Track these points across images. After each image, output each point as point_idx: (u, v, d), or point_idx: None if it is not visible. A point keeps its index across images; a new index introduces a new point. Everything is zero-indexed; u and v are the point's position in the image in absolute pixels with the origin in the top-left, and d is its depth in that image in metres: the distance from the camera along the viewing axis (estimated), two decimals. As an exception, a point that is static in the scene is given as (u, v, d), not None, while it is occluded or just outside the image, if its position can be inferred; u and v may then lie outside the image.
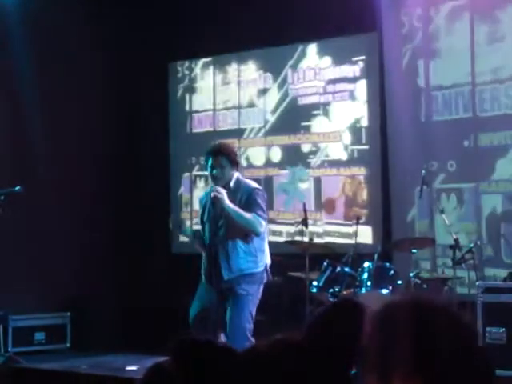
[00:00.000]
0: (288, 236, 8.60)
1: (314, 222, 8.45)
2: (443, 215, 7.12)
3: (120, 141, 9.70)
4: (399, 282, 7.09)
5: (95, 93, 9.43)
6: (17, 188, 6.46)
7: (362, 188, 8.53)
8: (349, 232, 8.13)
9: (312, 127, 8.87)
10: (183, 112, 9.85)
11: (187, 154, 9.69)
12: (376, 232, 8.32)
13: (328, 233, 8.65)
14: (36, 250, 8.67)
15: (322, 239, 8.39)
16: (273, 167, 9.14)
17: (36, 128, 8.84)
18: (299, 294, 7.29)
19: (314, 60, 8.89)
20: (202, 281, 5.89)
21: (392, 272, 7.12)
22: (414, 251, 7.11)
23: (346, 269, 7.16)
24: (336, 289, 7.07)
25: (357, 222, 7.46)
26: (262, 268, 5.75)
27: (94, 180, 9.41)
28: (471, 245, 6.99)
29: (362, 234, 7.90)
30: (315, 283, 7.17)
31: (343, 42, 8.66)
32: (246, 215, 5.57)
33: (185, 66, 9.90)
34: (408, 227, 8.03)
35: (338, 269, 7.17)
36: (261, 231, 5.67)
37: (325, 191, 8.76)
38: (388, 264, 7.30)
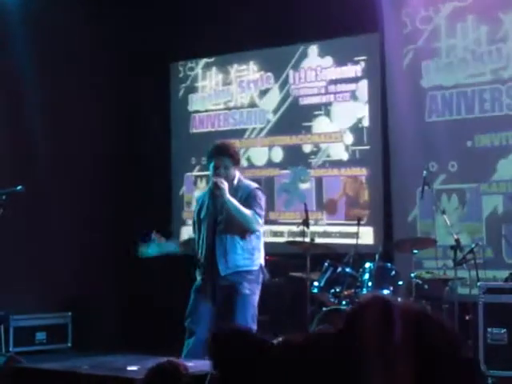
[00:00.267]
0: (289, 236, 8.60)
1: (315, 223, 8.45)
2: (444, 216, 7.12)
3: (121, 141, 9.70)
4: (400, 283, 7.08)
5: (96, 93, 9.43)
6: (18, 188, 6.44)
7: (364, 188, 8.53)
8: (350, 232, 8.12)
9: (313, 127, 8.87)
10: (185, 112, 9.85)
11: (189, 154, 9.69)
12: (377, 232, 8.32)
13: (329, 233, 8.65)
14: (37, 250, 8.68)
15: (323, 239, 8.38)
16: (274, 167, 9.14)
17: (37, 128, 8.85)
18: (300, 294, 7.29)
19: (316, 60, 8.89)
20: (195, 287, 5.85)
21: (393, 272, 7.12)
22: (416, 252, 7.10)
23: (347, 269, 7.16)
24: (337, 289, 7.07)
25: (358, 223, 7.46)
26: (258, 267, 5.75)
27: (95, 180, 9.42)
28: (472, 245, 7.00)
29: (363, 235, 7.90)
30: (316, 283, 7.17)
31: (345, 43, 8.66)
32: (245, 210, 5.57)
33: (186, 67, 9.90)
34: (409, 228, 8.03)
35: (339, 269, 7.16)
36: (256, 228, 5.67)
37: (326, 191, 8.76)
38: (389, 264, 7.29)
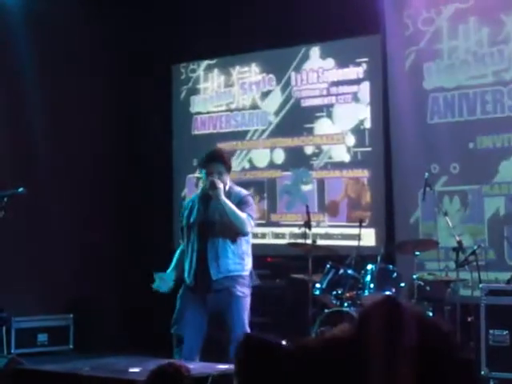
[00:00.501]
0: (291, 238, 8.59)
1: (317, 224, 8.44)
2: (446, 217, 7.11)
3: (122, 142, 9.71)
4: (402, 285, 7.07)
5: (96, 93, 9.43)
6: (20, 189, 6.42)
7: (365, 190, 8.52)
8: (352, 234, 8.12)
9: (315, 129, 8.86)
10: (186, 114, 9.85)
11: (190, 156, 9.68)
12: (379, 234, 8.31)
13: (331, 235, 8.64)
14: (37, 251, 8.68)
15: (325, 241, 8.37)
16: (276, 169, 9.14)
17: (37, 128, 8.85)
18: (302, 296, 7.28)
19: (318, 62, 8.88)
20: (181, 294, 5.89)
21: (395, 274, 7.11)
22: (417, 253, 7.09)
23: (349, 271, 7.16)
24: (339, 291, 7.06)
25: (360, 224, 7.46)
26: (248, 272, 5.81)
27: (95, 180, 9.42)
28: (474, 247, 6.99)
29: (365, 236, 7.89)
30: (318, 285, 7.16)
31: (346, 44, 8.66)
32: (239, 212, 5.65)
33: (188, 68, 9.90)
34: (411, 229, 8.02)
35: (341, 271, 7.16)
36: (249, 231, 5.77)
37: (328, 193, 8.75)
38: (391, 266, 7.29)
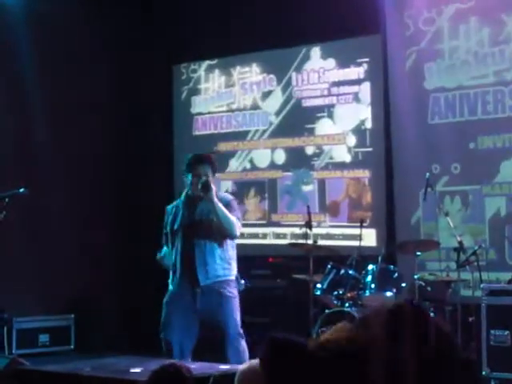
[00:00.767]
0: (292, 238, 8.59)
1: (318, 225, 8.44)
2: (447, 218, 7.11)
3: (123, 142, 9.70)
4: (403, 285, 7.08)
5: (97, 93, 9.42)
6: (21, 190, 6.40)
7: (366, 190, 8.52)
8: (353, 234, 8.12)
9: (316, 129, 8.86)
10: (187, 114, 9.85)
11: (191, 156, 9.68)
12: (380, 234, 8.31)
13: (332, 235, 8.64)
14: (38, 252, 8.67)
15: (326, 241, 8.37)
16: (277, 169, 9.14)
17: (37, 128, 8.85)
18: (303, 297, 7.28)
19: (318, 62, 8.88)
20: (166, 299, 5.87)
21: (396, 274, 7.11)
22: (418, 254, 7.09)
23: (350, 271, 7.16)
24: (340, 291, 7.07)
25: (361, 225, 7.46)
26: (234, 276, 5.84)
27: (95, 180, 9.42)
28: (475, 247, 6.99)
29: (366, 237, 7.90)
30: (319, 285, 7.16)
31: (347, 44, 8.66)
32: (230, 215, 5.66)
33: (189, 69, 9.90)
34: (412, 229, 8.02)
35: (342, 271, 7.16)
36: (237, 234, 5.78)
37: (329, 193, 8.75)
38: (392, 266, 7.29)
